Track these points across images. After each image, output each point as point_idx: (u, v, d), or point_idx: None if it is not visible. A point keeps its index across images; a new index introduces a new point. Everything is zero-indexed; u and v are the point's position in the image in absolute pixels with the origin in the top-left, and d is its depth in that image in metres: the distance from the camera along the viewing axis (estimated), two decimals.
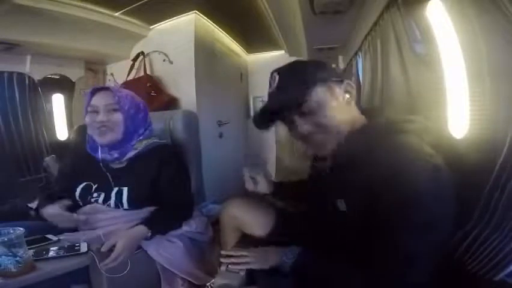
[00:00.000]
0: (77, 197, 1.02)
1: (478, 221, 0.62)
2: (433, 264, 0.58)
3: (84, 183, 1.03)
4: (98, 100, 0.99)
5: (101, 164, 1.04)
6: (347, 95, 0.70)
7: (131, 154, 1.04)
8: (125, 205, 0.99)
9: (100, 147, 1.03)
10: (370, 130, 0.67)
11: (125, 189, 0.99)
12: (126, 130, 1.00)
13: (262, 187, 0.94)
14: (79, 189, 1.02)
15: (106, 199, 1.00)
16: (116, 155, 1.02)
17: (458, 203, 0.58)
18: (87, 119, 1.00)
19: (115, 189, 1.00)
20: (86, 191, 1.02)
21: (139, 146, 1.05)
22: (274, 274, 0.75)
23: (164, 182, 1.03)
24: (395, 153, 0.59)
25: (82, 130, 1.63)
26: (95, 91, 1.01)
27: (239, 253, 0.82)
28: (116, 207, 0.99)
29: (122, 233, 0.88)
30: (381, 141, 0.63)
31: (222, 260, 0.82)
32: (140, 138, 1.06)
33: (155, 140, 1.10)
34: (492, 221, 0.59)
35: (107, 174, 1.03)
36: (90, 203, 1.01)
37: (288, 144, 2.64)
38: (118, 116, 0.99)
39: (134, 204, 1.00)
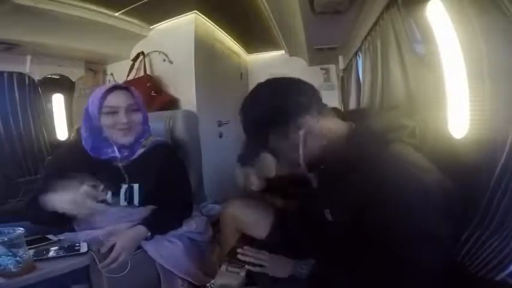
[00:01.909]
0: None
1: (480, 221, 0.62)
2: (434, 273, 0.57)
3: (89, 183, 1.03)
4: (118, 100, 0.95)
5: (113, 162, 1.03)
6: (301, 133, 0.66)
7: (139, 152, 1.05)
8: (136, 202, 0.99)
9: (115, 147, 1.00)
10: (356, 141, 0.65)
11: (135, 186, 1.00)
12: (143, 129, 1.02)
13: (254, 184, 0.96)
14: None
15: (114, 197, 0.99)
16: (126, 153, 1.02)
17: (459, 204, 0.58)
18: (106, 121, 0.95)
19: (125, 187, 1.00)
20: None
21: (146, 143, 1.07)
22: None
23: (165, 180, 1.04)
24: (383, 166, 0.58)
25: None
26: (111, 90, 0.96)
27: (257, 255, 0.81)
28: (128, 205, 0.99)
29: (121, 234, 0.88)
30: (370, 151, 0.61)
31: (239, 256, 0.82)
32: (147, 136, 1.08)
33: (157, 138, 1.12)
34: (493, 221, 0.58)
35: (116, 171, 1.02)
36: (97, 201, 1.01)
37: None
38: (139, 116, 0.99)
39: (145, 200, 1.00)
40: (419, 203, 0.54)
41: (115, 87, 0.98)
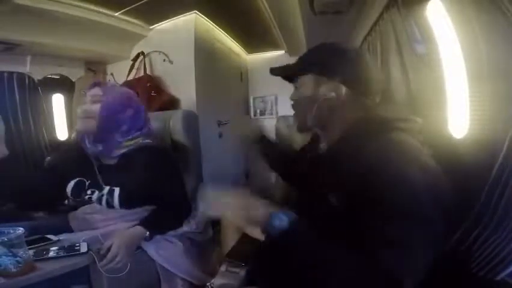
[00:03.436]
0: (69, 194, 1.02)
1: (478, 221, 0.62)
2: (425, 262, 0.55)
3: (76, 180, 1.03)
4: (88, 93, 1.03)
5: (93, 161, 1.04)
6: (332, 94, 0.69)
7: (120, 151, 1.03)
8: (116, 205, 0.98)
9: (85, 138, 1.03)
10: (362, 126, 0.66)
11: (116, 189, 0.99)
12: (102, 120, 0.98)
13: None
14: (71, 185, 1.02)
15: (99, 197, 1.00)
16: (100, 148, 1.02)
17: (458, 203, 0.58)
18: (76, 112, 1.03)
19: (107, 188, 1.00)
20: (80, 188, 1.02)
21: (128, 144, 1.04)
22: (273, 273, 0.75)
23: (155, 183, 1.01)
24: (385, 150, 0.58)
25: None
26: (92, 86, 1.05)
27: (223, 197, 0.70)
28: (108, 207, 0.99)
29: (120, 234, 0.88)
30: (373, 137, 0.61)
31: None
32: (130, 137, 1.04)
33: (146, 141, 1.07)
34: (492, 221, 0.59)
35: (99, 171, 1.03)
36: (84, 200, 1.01)
37: (286, 134, 2.60)
38: (97, 106, 0.99)
39: (125, 204, 0.99)
40: (415, 181, 0.54)
41: (95, 84, 1.06)
